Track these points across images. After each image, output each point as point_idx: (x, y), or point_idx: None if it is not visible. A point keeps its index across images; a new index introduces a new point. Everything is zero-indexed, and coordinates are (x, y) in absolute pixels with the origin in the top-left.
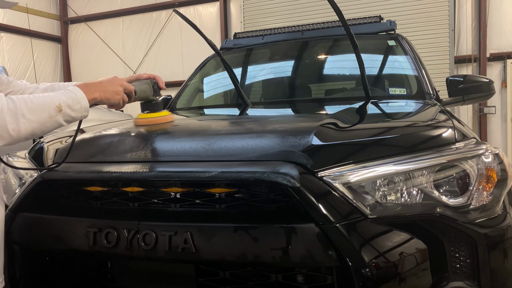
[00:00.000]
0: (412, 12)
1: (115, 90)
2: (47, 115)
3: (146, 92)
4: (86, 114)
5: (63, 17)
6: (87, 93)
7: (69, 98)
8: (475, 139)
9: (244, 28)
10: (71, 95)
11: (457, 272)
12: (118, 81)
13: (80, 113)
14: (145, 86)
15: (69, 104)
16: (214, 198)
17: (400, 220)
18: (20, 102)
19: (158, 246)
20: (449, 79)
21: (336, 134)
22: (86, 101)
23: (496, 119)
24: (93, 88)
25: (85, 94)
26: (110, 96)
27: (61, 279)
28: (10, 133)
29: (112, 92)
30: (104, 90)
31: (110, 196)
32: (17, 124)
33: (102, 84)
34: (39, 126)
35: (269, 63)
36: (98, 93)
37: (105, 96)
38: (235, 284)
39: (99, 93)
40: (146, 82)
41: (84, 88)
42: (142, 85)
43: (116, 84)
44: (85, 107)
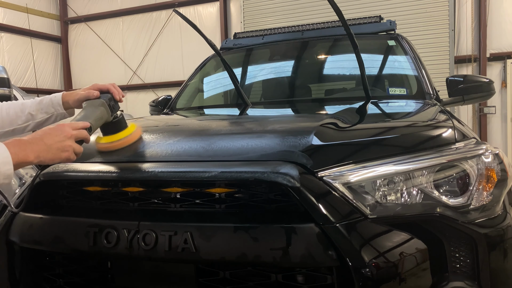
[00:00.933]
0: (412, 12)
1: (61, 146)
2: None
3: (103, 118)
4: (7, 182)
5: (63, 17)
6: (18, 154)
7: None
8: (475, 139)
9: (244, 28)
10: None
11: (457, 272)
12: (65, 132)
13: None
14: (99, 110)
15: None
16: (214, 198)
17: (400, 220)
18: None
19: (158, 246)
20: (449, 79)
21: (336, 134)
22: (10, 166)
23: (496, 119)
24: (29, 147)
25: (14, 155)
26: (54, 155)
27: (61, 279)
28: None
29: (56, 150)
30: (46, 149)
31: (110, 196)
32: None
33: (43, 142)
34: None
35: (269, 63)
36: (34, 154)
37: (46, 157)
38: (235, 284)
39: (37, 153)
40: (100, 104)
41: (15, 147)
42: (96, 112)
43: (63, 137)
44: (6, 174)
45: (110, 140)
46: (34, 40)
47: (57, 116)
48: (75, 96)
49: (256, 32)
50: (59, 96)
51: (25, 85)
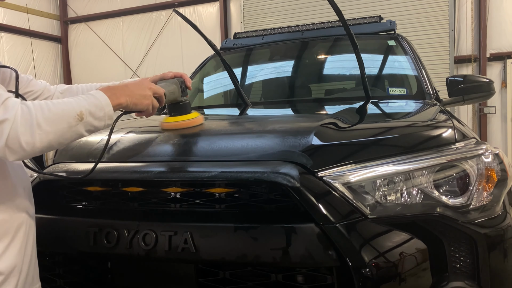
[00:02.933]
0: (412, 12)
1: (143, 94)
2: (66, 125)
3: (175, 94)
4: (110, 123)
5: (63, 17)
6: (112, 98)
7: (91, 104)
8: (475, 139)
9: (244, 28)
10: (94, 101)
11: (457, 272)
12: (146, 84)
13: (103, 121)
14: (173, 86)
15: (91, 111)
16: (214, 198)
17: (400, 220)
18: (37, 110)
19: (158, 246)
20: (449, 79)
21: (336, 134)
22: (110, 107)
23: (496, 119)
24: (118, 92)
25: (109, 99)
26: (138, 101)
27: (61, 279)
28: (22, 147)
29: (139, 96)
30: (131, 94)
31: (110, 196)
32: (32, 136)
33: (128, 88)
34: (56, 138)
35: (269, 63)
36: (124, 97)
37: (132, 101)
38: (235, 284)
39: (125, 97)
40: (174, 82)
41: (108, 93)
42: (170, 86)
43: (144, 87)
44: (109, 115)
45: (177, 120)
46: (34, 40)
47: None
48: (153, 78)
49: (256, 32)
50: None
51: None
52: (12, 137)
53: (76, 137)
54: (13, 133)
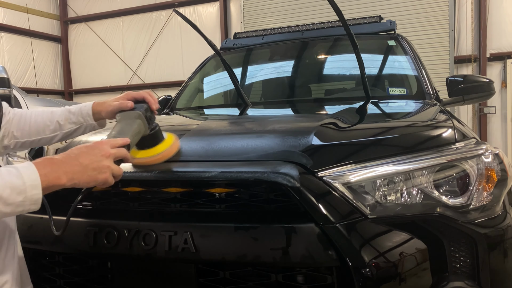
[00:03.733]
0: (412, 12)
1: (98, 167)
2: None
3: (140, 132)
4: (35, 208)
5: (63, 17)
6: (49, 176)
7: (6, 184)
8: (475, 139)
9: (244, 28)
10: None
11: (457, 272)
12: (103, 151)
13: (21, 207)
14: (136, 125)
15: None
16: (214, 198)
17: (400, 220)
18: None
19: (158, 246)
20: (449, 79)
21: (336, 134)
22: (38, 191)
23: (496, 119)
24: (62, 168)
25: (44, 177)
26: (90, 178)
27: (61, 279)
28: None
29: (92, 172)
30: (80, 171)
31: (110, 196)
32: None
33: (78, 161)
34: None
35: (269, 63)
36: (67, 176)
37: (81, 179)
38: (235, 284)
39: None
40: (136, 116)
41: (46, 168)
42: (133, 125)
43: (100, 157)
44: (33, 200)
45: (148, 155)
46: (34, 40)
47: (86, 127)
48: (108, 107)
49: (256, 32)
50: (89, 106)
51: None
52: None
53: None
54: None
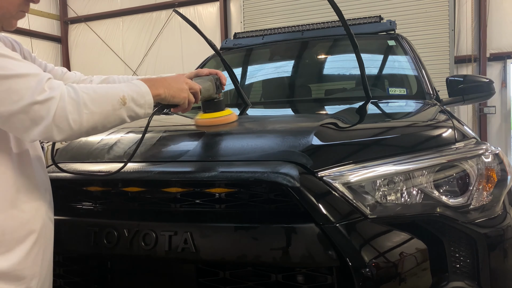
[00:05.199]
0: (412, 12)
1: (181, 88)
2: (110, 107)
3: (210, 91)
4: (150, 112)
5: (63, 17)
6: (151, 88)
7: (133, 91)
8: (475, 139)
9: (244, 28)
10: (135, 88)
11: (457, 272)
12: (183, 79)
13: (144, 109)
14: (208, 83)
15: (133, 97)
16: (214, 198)
17: (400, 220)
18: (82, 90)
19: (158, 246)
20: (449, 79)
21: (336, 134)
22: (150, 96)
23: (496, 119)
24: (157, 83)
25: (149, 88)
26: (175, 93)
27: (61, 279)
28: (70, 125)
29: (177, 90)
30: (169, 86)
31: (110, 196)
32: (79, 115)
33: (166, 80)
34: (101, 119)
35: (269, 63)
36: (162, 89)
37: (170, 93)
38: (235, 284)
39: (164, 89)
40: (209, 79)
41: (147, 83)
42: (205, 83)
43: (181, 81)
44: (149, 103)
45: (212, 116)
46: (34, 40)
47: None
48: (187, 75)
49: (256, 32)
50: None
51: None
52: (60, 115)
53: (118, 121)
54: (61, 110)
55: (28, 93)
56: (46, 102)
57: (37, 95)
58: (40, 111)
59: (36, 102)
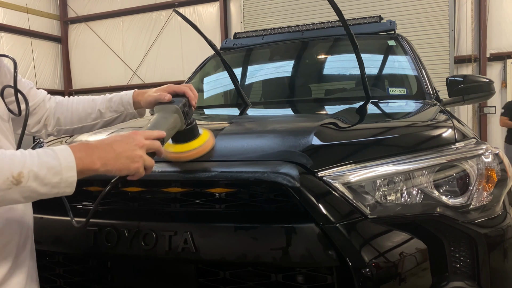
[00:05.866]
0: (412, 12)
1: (132, 156)
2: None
3: (177, 126)
4: (69, 191)
5: (63, 17)
6: (83, 160)
7: (43, 165)
8: (475, 139)
9: (244, 28)
10: (50, 162)
11: (457, 272)
12: (137, 141)
13: (56, 188)
14: (172, 119)
15: (39, 175)
16: (214, 198)
17: (400, 220)
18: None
19: (158, 246)
20: (449, 79)
21: (336, 134)
22: (73, 173)
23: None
24: (96, 153)
25: (78, 160)
26: (123, 166)
27: (61, 279)
28: None
29: (126, 160)
30: (114, 158)
31: (110, 196)
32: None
33: (112, 149)
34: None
35: (269, 63)
36: (102, 161)
37: (114, 166)
38: (235, 284)
39: (105, 161)
40: (173, 110)
41: (81, 152)
42: (169, 119)
43: (134, 147)
44: (68, 182)
45: (182, 150)
46: (34, 40)
47: (126, 116)
48: (147, 97)
49: (256, 32)
50: (130, 94)
51: None
52: None
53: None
54: None
55: None
56: None
57: None
58: None
59: None
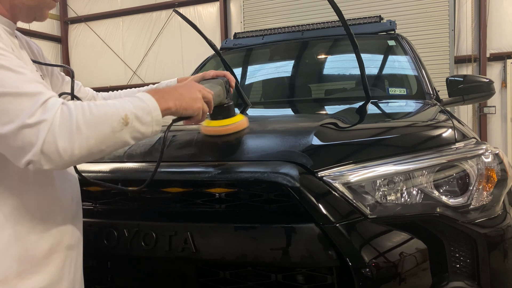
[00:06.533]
0: (412, 12)
1: (194, 97)
2: (109, 129)
3: (220, 96)
4: (158, 129)
5: (63, 17)
6: (160, 102)
7: (137, 107)
8: (475, 139)
9: (244, 28)
10: (140, 104)
11: (457, 272)
12: (196, 87)
13: (150, 127)
14: (218, 88)
15: (138, 115)
16: (214, 198)
17: (400, 220)
18: (78, 111)
19: (158, 246)
20: (449, 79)
21: (336, 134)
22: (158, 112)
23: (496, 119)
24: (166, 95)
25: (157, 102)
26: (188, 105)
27: None
28: (59, 153)
29: (190, 100)
30: (180, 98)
31: (110, 196)
32: (70, 141)
33: (177, 91)
34: (97, 144)
35: (269, 63)
36: (173, 101)
37: (182, 106)
38: (235, 284)
39: (175, 101)
40: (218, 83)
41: (156, 95)
42: (215, 88)
43: (194, 90)
44: (157, 120)
45: (221, 124)
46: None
47: None
48: (192, 78)
49: (256, 32)
50: (174, 81)
51: None
52: (49, 141)
53: (120, 144)
54: (50, 136)
55: (19, 115)
56: (36, 125)
57: (28, 117)
58: (29, 136)
59: (26, 125)
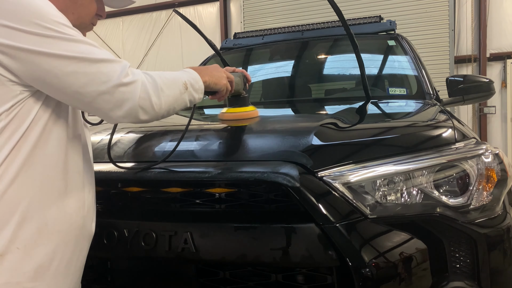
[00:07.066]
0: (412, 12)
1: (221, 75)
2: (178, 91)
3: (239, 85)
4: (202, 97)
5: None
6: (200, 75)
7: (190, 77)
8: (475, 139)
9: (244, 28)
10: (191, 75)
11: (457, 272)
12: (220, 68)
13: (198, 93)
14: (238, 78)
15: (192, 83)
16: (214, 198)
17: (400, 220)
18: (155, 75)
19: (158, 246)
20: (449, 79)
21: (336, 134)
22: (201, 82)
23: (496, 119)
24: (202, 71)
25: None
26: (217, 80)
27: None
28: (153, 107)
29: (218, 77)
30: (211, 74)
31: (110, 196)
32: (158, 97)
33: (207, 69)
34: (173, 102)
35: (269, 63)
36: (207, 76)
37: (212, 81)
38: (235, 284)
39: (208, 76)
40: (238, 75)
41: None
42: (236, 77)
43: (221, 70)
44: (201, 89)
45: (238, 111)
46: None
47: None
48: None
49: (256, 32)
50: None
51: None
52: (143, 97)
53: (183, 105)
54: (144, 93)
55: (115, 76)
56: (130, 84)
57: (123, 77)
58: (125, 92)
59: (123, 84)
